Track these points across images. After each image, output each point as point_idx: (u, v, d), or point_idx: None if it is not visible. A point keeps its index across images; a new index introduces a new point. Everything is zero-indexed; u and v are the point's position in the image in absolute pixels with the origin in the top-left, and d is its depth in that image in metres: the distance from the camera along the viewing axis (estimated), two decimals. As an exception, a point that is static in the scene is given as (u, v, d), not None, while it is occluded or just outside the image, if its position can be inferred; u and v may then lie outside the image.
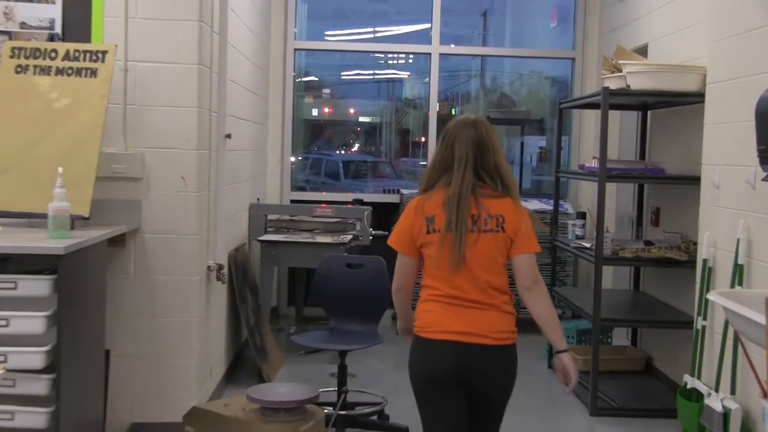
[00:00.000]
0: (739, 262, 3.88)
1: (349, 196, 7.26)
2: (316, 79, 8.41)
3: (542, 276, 2.86)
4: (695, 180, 4.53)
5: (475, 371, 2.71)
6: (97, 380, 3.85)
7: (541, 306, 2.79)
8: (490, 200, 2.77)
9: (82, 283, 3.54)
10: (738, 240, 3.89)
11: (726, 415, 3.79)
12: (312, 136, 8.47)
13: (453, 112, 8.44)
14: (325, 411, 3.68)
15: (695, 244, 4.68)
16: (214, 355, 4.77)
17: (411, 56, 8.25)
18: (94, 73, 3.81)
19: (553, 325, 2.81)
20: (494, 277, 2.75)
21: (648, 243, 5.16)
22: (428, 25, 7.41)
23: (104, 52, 3.85)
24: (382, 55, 8.27)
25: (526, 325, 3.16)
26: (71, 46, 3.86)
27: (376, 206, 6.77)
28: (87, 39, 4.01)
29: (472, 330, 2.70)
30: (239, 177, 5.60)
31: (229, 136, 4.72)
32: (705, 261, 4.26)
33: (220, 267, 4.52)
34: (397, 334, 3.14)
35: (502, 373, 2.77)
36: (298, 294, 7.14)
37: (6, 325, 3.19)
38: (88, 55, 3.83)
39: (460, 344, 2.70)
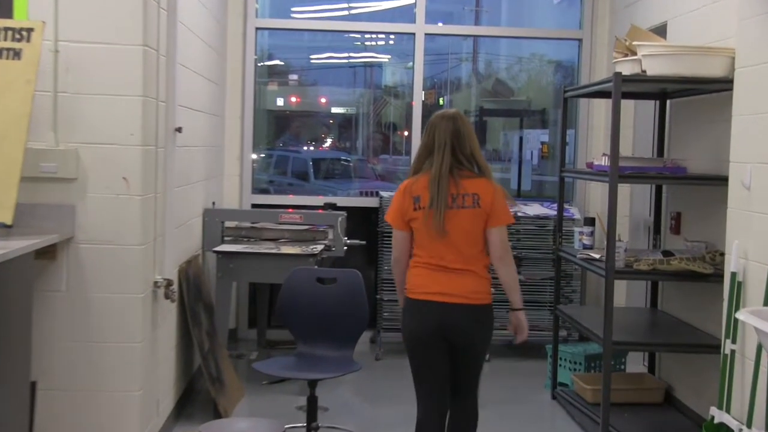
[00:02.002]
0: (774, 275, 3.88)
1: (319, 200, 7.23)
2: (282, 63, 8.37)
3: (545, 291, 4.20)
4: (722, 180, 4.54)
5: (455, 326, 3.78)
6: (20, 418, 3.79)
7: (509, 274, 3.88)
8: (468, 181, 3.81)
9: (4, 302, 3.48)
10: (772, 250, 3.89)
11: (759, 454, 3.78)
12: (277, 129, 8.43)
13: (441, 102, 8.42)
14: (292, 452, 3.66)
15: (722, 254, 4.67)
16: (162, 386, 4.73)
17: (392, 37, 8.22)
18: (17, 54, 3.77)
19: (516, 288, 3.90)
20: (471, 247, 3.82)
21: (667, 254, 5.16)
22: (412, 1, 7.39)
23: (30, 30, 3.80)
24: (359, 36, 8.24)
25: (529, 351, 3.42)
26: (-9, 22, 3.81)
27: (351, 211, 6.74)
28: (9, 14, 3.95)
29: (452, 291, 3.77)
30: (191, 178, 5.57)
31: (179, 129, 4.71)
32: (734, 274, 4.25)
33: (168, 283, 4.49)
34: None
35: (478, 327, 3.84)
36: (260, 314, 7.12)
37: None
38: (10, 33, 3.78)
39: (442, 304, 3.77)
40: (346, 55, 8.46)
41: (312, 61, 8.57)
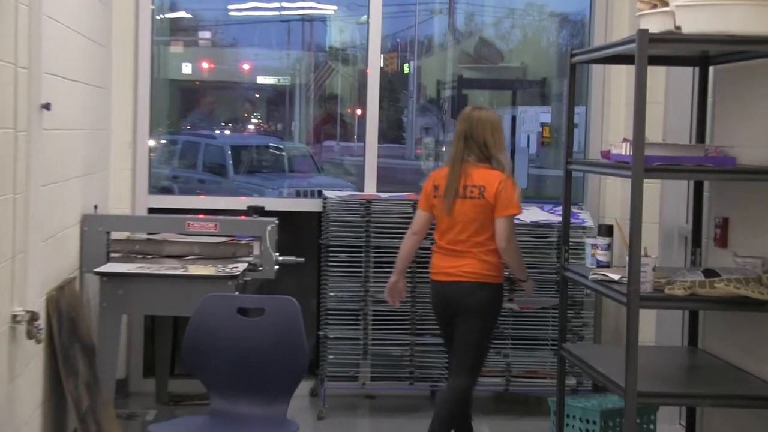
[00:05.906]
0: None
1: (242, 202, 7.23)
2: (189, 16, 8.35)
3: (546, 325, 6.86)
4: (783, 174, 4.56)
5: (454, 298, 5.66)
6: None
7: (512, 260, 5.77)
8: (478, 173, 5.60)
9: None
10: None
11: None
12: (183, 106, 8.43)
13: (406, 70, 8.44)
14: None
15: (784, 274, 4.70)
16: (24, 458, 4.71)
17: (339, -19, 8.24)
18: None
19: (519, 268, 5.90)
20: (475, 234, 5.61)
21: (710, 273, 5.18)
22: (366, -68, 7.42)
23: None
24: (294, -20, 8.26)
25: (526, 405, 3.37)
26: None
27: (285, 218, 6.75)
28: None
29: (454, 271, 5.63)
30: (65, 172, 5.58)
31: (47, 106, 4.70)
32: (800, 301, 4.28)
33: (32, 317, 4.48)
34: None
35: (473, 297, 5.62)
36: (160, 358, 7.10)
37: None
38: None
39: (445, 283, 5.70)
40: (276, 5, 8.46)
41: (230, 13, 8.56)
